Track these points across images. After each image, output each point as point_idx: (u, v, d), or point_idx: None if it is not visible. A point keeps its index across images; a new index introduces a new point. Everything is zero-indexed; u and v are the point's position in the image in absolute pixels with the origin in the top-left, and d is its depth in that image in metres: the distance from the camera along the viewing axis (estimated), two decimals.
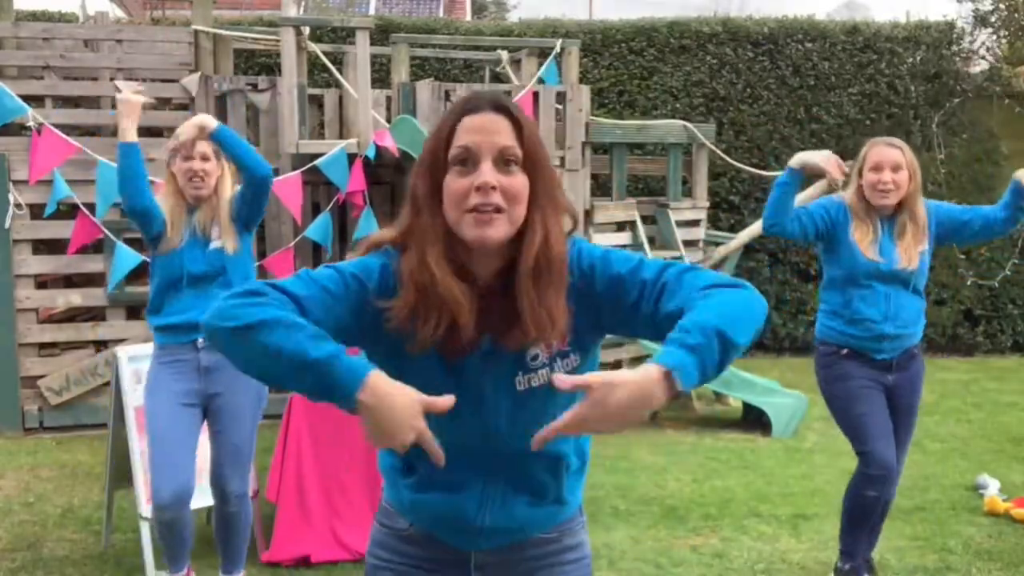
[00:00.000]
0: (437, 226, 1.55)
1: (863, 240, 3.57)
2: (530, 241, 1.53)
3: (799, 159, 3.61)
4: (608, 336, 1.73)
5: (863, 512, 3.66)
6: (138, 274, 6.17)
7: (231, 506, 3.62)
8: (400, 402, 1.42)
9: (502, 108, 1.55)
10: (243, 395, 3.58)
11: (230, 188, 3.67)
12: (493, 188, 1.50)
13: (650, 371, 1.39)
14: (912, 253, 3.57)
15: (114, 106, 6.58)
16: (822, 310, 3.74)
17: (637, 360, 7.68)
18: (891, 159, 3.52)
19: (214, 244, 3.59)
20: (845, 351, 3.63)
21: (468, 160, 1.53)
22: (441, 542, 1.73)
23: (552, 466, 1.69)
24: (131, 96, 3.58)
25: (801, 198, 7.66)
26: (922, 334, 3.71)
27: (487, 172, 1.51)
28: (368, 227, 6.54)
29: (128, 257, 6.03)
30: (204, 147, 3.55)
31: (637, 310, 1.58)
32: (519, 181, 1.53)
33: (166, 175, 3.63)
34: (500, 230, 1.52)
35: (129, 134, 3.52)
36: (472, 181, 1.51)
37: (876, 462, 3.57)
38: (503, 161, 1.53)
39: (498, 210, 1.51)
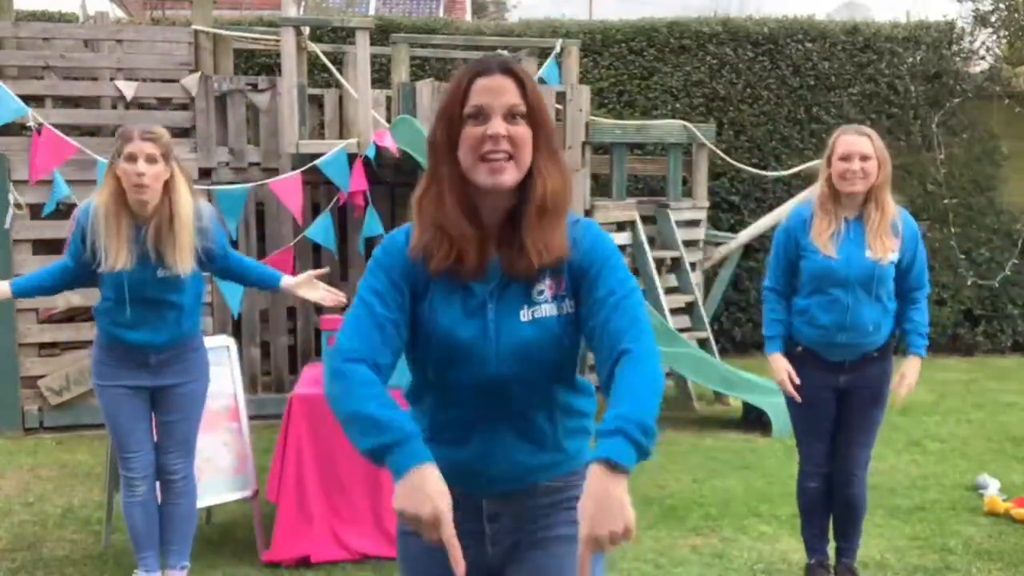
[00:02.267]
0: (453, 174, 1.79)
1: (821, 235, 3.55)
2: (533, 184, 1.78)
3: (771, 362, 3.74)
4: None
5: (806, 503, 3.84)
6: None
7: (178, 486, 3.65)
8: (432, 488, 1.63)
9: (509, 70, 1.78)
10: (191, 387, 3.62)
11: (188, 199, 3.37)
12: (503, 137, 1.75)
13: (594, 471, 1.59)
14: (884, 242, 3.53)
15: (114, 106, 6.66)
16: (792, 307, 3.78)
17: None
18: (860, 148, 3.51)
19: (164, 272, 3.39)
20: (800, 348, 3.70)
21: (480, 115, 1.77)
22: (454, 489, 1.82)
23: (548, 411, 1.86)
24: None
25: (797, 199, 7.69)
26: (886, 339, 3.66)
27: (497, 124, 1.75)
28: (373, 226, 6.54)
29: None
30: (149, 146, 3.28)
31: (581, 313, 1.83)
32: (524, 131, 1.77)
33: (105, 178, 3.37)
34: (510, 176, 1.76)
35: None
36: (484, 131, 1.75)
37: (804, 456, 3.81)
38: (510, 116, 1.76)
39: (509, 157, 1.76)
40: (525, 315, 1.81)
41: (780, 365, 3.68)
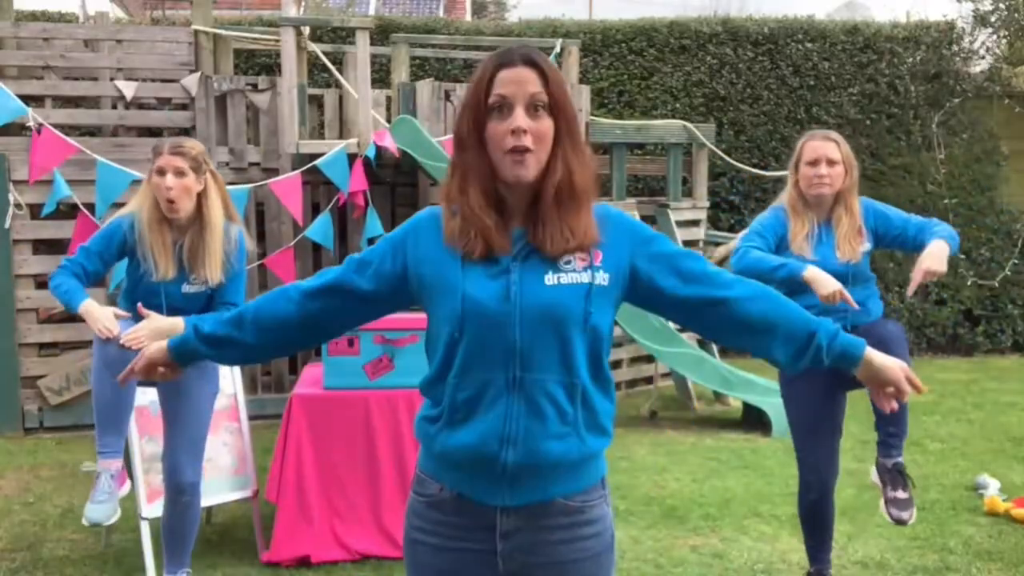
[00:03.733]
0: (481, 164, 1.82)
1: (798, 235, 3.53)
2: (552, 175, 1.80)
3: (812, 278, 3.41)
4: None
5: (806, 515, 3.70)
6: None
7: (186, 495, 3.53)
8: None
9: (531, 62, 1.81)
10: (201, 389, 3.50)
11: (219, 209, 3.41)
12: (524, 132, 1.77)
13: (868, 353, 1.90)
14: (853, 245, 3.49)
15: (114, 106, 6.66)
16: None
17: (636, 360, 7.69)
18: (826, 153, 3.50)
19: (189, 287, 3.40)
20: None
21: (504, 107, 1.79)
22: (469, 502, 1.84)
23: (571, 393, 1.82)
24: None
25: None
26: (876, 316, 3.56)
27: (520, 117, 1.77)
28: (374, 226, 6.55)
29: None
30: (178, 160, 3.33)
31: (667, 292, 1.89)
32: (546, 125, 1.80)
33: (142, 191, 3.43)
34: (532, 170, 1.79)
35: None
36: (508, 125, 1.78)
37: (802, 464, 3.65)
38: (533, 107, 1.78)
39: (529, 151, 1.77)
40: (550, 279, 1.80)
41: (822, 276, 3.33)
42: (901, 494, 3.56)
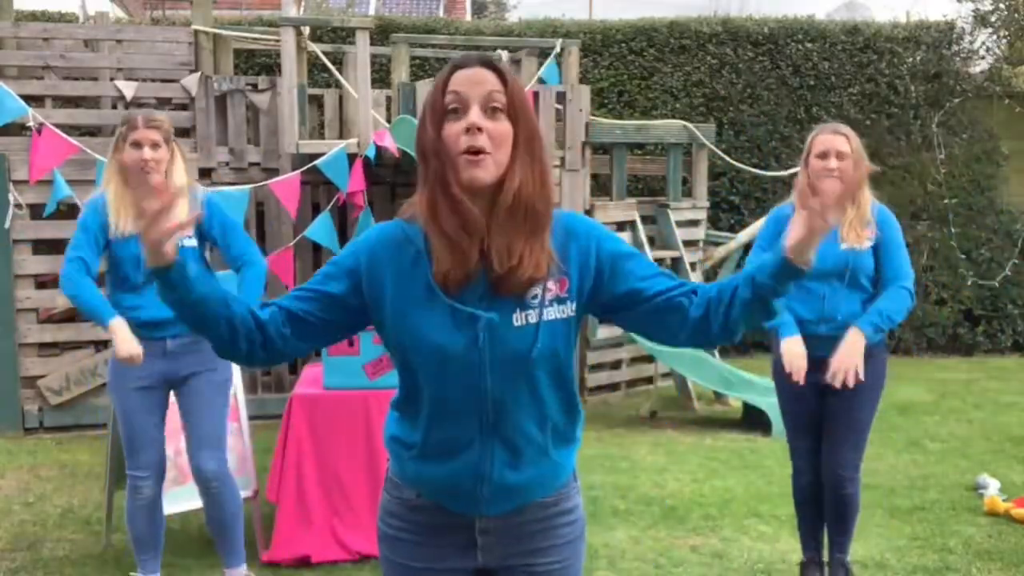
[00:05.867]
0: (441, 173, 1.71)
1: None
2: (508, 184, 1.69)
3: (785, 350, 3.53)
4: (608, 336, 1.81)
5: (799, 498, 3.83)
6: None
7: (212, 486, 3.60)
8: None
9: (488, 64, 1.74)
10: (208, 378, 3.57)
11: (183, 178, 3.50)
12: (479, 130, 1.67)
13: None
14: (859, 233, 3.50)
15: (114, 106, 6.66)
16: None
17: (636, 360, 7.69)
18: (836, 146, 3.52)
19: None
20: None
21: (459, 108, 1.70)
22: (447, 510, 1.84)
23: (541, 424, 1.80)
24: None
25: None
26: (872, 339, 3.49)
27: (475, 114, 1.68)
28: (367, 227, 6.54)
29: None
30: (153, 133, 3.44)
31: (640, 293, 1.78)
32: (504, 127, 1.70)
33: (109, 167, 3.51)
34: (488, 172, 1.68)
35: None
36: (463, 124, 1.68)
37: (792, 452, 3.80)
38: (490, 108, 1.69)
39: (485, 152, 1.67)
40: (518, 319, 1.73)
41: (797, 350, 3.48)
42: None
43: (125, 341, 3.34)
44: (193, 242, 3.51)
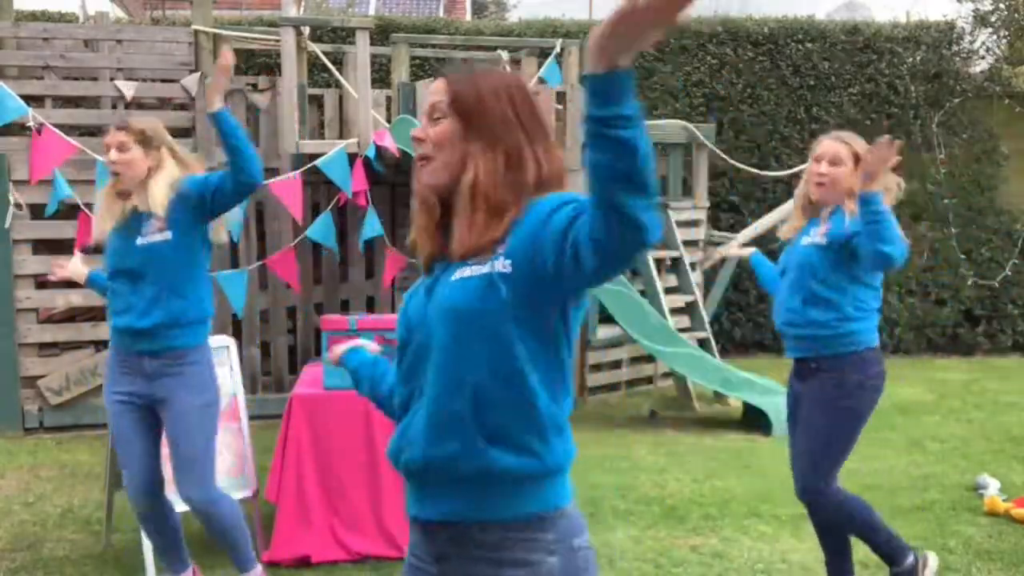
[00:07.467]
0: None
1: (789, 232, 3.56)
2: (464, 178, 1.76)
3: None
4: (609, 336, 1.81)
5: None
6: None
7: (200, 511, 3.53)
8: None
9: (443, 75, 1.85)
10: (187, 402, 3.45)
11: (166, 186, 3.39)
12: (420, 140, 1.81)
13: None
14: (822, 229, 3.43)
15: (114, 106, 6.65)
16: None
17: (636, 360, 7.69)
18: (830, 152, 3.47)
19: (143, 240, 3.39)
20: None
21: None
22: (418, 523, 1.82)
23: (471, 395, 1.68)
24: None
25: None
26: (834, 348, 3.36)
27: (417, 129, 1.84)
28: (372, 226, 6.55)
29: None
30: (121, 135, 3.39)
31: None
32: (441, 128, 1.79)
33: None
34: (436, 175, 1.79)
35: None
36: None
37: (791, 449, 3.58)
38: (432, 116, 1.81)
39: (428, 157, 1.80)
40: (456, 275, 1.71)
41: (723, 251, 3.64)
42: None
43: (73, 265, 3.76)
44: (155, 234, 3.38)
